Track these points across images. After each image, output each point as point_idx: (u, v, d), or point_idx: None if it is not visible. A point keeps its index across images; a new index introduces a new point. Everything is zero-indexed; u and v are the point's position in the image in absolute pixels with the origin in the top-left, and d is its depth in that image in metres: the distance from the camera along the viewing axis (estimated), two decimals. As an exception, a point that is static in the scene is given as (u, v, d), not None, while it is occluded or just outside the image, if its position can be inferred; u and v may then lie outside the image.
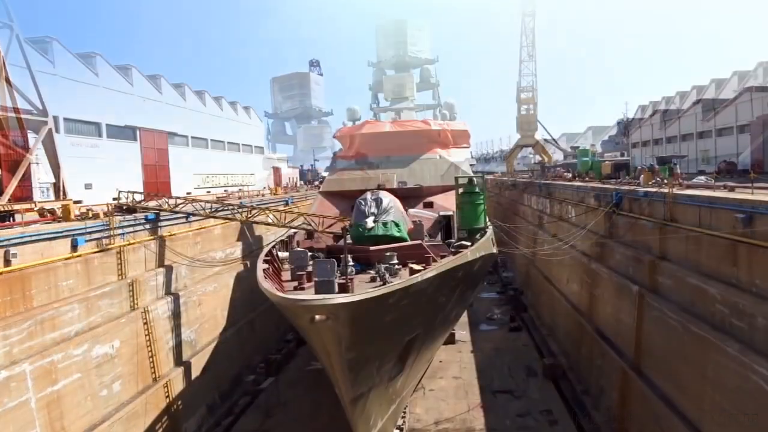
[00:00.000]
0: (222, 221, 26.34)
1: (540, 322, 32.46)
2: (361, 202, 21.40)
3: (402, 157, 31.10)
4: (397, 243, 19.72)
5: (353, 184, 29.42)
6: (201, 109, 54.15)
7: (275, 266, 18.80)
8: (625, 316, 19.53)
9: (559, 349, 27.40)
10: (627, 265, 20.28)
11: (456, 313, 23.48)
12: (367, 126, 33.14)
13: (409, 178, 29.73)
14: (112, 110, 39.20)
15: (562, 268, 28.35)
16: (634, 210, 20.63)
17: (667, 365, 16.18)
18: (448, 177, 28.76)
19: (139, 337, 19.67)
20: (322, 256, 19.26)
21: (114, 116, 39.39)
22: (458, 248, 19.67)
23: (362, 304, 11.81)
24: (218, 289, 26.13)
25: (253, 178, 66.07)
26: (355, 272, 16.58)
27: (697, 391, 14.38)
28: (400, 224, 20.89)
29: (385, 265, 16.98)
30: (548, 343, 28.96)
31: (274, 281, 16.12)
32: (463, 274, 18.14)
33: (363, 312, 12.04)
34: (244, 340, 27.57)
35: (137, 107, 42.20)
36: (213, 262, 25.78)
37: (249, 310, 28.45)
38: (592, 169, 37.81)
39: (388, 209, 20.99)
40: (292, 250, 20.76)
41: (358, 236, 20.26)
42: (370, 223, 20.42)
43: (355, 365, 13.09)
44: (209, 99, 56.40)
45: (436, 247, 20.23)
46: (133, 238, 20.74)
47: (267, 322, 29.90)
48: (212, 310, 25.39)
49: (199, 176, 52.59)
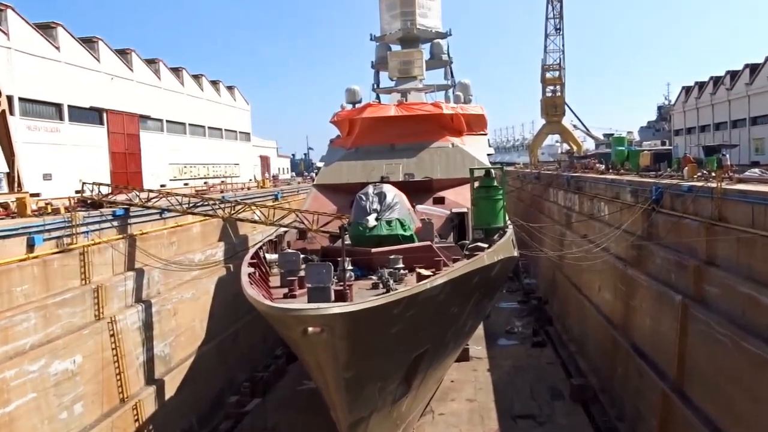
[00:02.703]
0: (202, 218, 26.43)
1: (567, 336, 32.55)
2: (361, 197, 21.33)
3: (409, 145, 31.33)
4: (403, 244, 19.82)
5: (352, 176, 29.61)
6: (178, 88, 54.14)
7: (262, 270, 18.98)
8: (666, 329, 19.53)
9: (589, 367, 27.46)
10: (668, 271, 20.29)
11: (470, 326, 23.51)
12: (368, 109, 33.18)
13: (417, 170, 29.97)
14: (76, 89, 39.20)
15: (592, 274, 28.41)
16: (676, 207, 20.63)
17: (714, 387, 16.16)
18: (462, 168, 29.03)
19: (104, 352, 19.72)
20: (316, 259, 19.41)
21: (78, 96, 39.39)
22: (473, 251, 19.86)
23: (362, 314, 11.87)
24: (197, 297, 26.22)
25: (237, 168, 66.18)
26: (355, 278, 16.66)
27: (750, 417, 14.34)
28: (406, 223, 20.96)
29: (389, 270, 17.00)
30: (576, 360, 29.03)
31: (261, 287, 16.23)
32: (479, 280, 18.25)
33: (363, 324, 12.10)
34: (227, 355, 27.65)
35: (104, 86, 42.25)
36: (191, 265, 25.91)
37: (232, 321, 28.54)
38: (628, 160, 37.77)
39: (393, 205, 20.98)
40: (282, 251, 20.76)
41: (358, 236, 20.37)
42: (372, 221, 20.42)
43: (354, 385, 13.16)
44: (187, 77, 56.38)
45: (448, 249, 20.36)
46: (98, 237, 20.79)
47: (253, 335, 30.00)
48: (189, 320, 25.46)
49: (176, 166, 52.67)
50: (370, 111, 32.99)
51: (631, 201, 24.95)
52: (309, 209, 26.11)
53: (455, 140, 31.88)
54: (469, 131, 33.44)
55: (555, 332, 34.11)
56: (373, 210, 20.73)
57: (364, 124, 32.51)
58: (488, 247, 19.91)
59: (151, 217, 24.10)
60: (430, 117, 32.25)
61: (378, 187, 21.69)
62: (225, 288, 27.69)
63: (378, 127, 32.12)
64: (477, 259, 17.33)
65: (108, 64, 43.03)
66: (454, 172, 29.49)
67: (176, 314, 24.32)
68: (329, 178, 30.49)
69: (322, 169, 32.37)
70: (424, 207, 26.21)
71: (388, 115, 32.22)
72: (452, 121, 32.66)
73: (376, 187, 21.70)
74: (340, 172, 30.55)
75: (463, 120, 32.92)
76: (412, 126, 31.78)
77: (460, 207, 26.45)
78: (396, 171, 29.65)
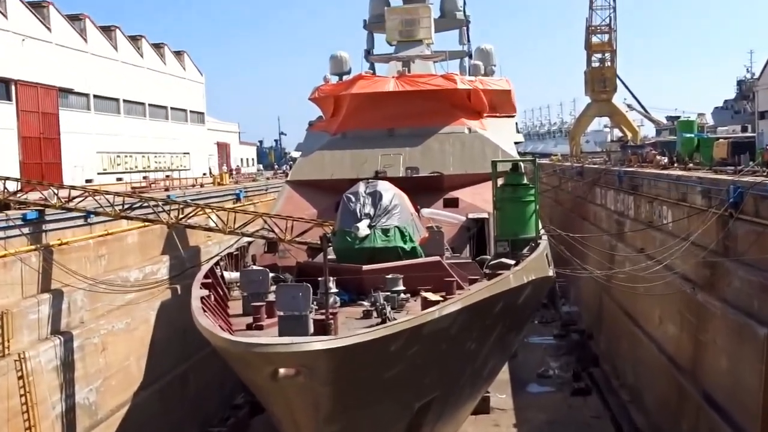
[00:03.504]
0: (140, 224, 26.33)
1: (618, 381, 32.55)
2: (350, 197, 21.46)
3: (412, 130, 31.44)
4: (404, 260, 19.89)
5: (338, 171, 29.84)
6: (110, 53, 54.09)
7: (219, 293, 19.15)
8: (747, 373, 19.53)
9: (647, 422, 27.45)
10: (750, 297, 20.27)
11: (492, 368, 23.56)
12: (360, 83, 33.25)
13: (423, 163, 30.08)
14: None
15: (651, 300, 28.42)
16: (761, 213, 20.68)
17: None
18: (481, 161, 29.12)
19: (11, 399, 19.56)
20: (290, 279, 19.56)
21: (-23, 64, 39.33)
22: (496, 269, 19.94)
23: (351, 351, 11.93)
24: (132, 327, 26.20)
25: (187, 159, 66.20)
26: (341, 303, 16.70)
27: None
28: (407, 232, 20.95)
29: (386, 294, 17.01)
30: (631, 413, 29.00)
31: (218, 316, 16.30)
32: (504, 308, 18.36)
33: (352, 364, 12.17)
34: (172, 404, 27.58)
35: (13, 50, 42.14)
36: (125, 285, 25.91)
37: (179, 359, 28.55)
38: (698, 151, 37.87)
39: (391, 209, 21.00)
40: (245, 269, 20.85)
41: (345, 249, 20.44)
42: (364, 229, 20.41)
43: (340, 445, 13.23)
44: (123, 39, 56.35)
45: (463, 266, 20.55)
46: (3, 248, 20.72)
47: (206, 378, 30.00)
48: (123, 358, 25.43)
49: (107, 155, 52.60)
50: (362, 85, 32.98)
51: (702, 205, 24.99)
52: (281, 213, 26.12)
53: (473, 124, 31.92)
54: (492, 112, 33.36)
55: (602, 376, 34.16)
56: (365, 215, 20.77)
57: (354, 102, 32.53)
58: (515, 265, 19.96)
59: (74, 222, 23.99)
60: (440, 93, 32.25)
61: (371, 185, 21.69)
62: (170, 316, 27.70)
63: (372, 106, 32.16)
64: (501, 280, 17.41)
65: (18, 22, 42.83)
66: (471, 166, 29.58)
67: (105, 350, 24.26)
68: (308, 173, 30.61)
69: (299, 161, 32.38)
70: (431, 211, 26.33)
71: (385, 91, 32.26)
72: (469, 99, 32.65)
73: (369, 185, 21.72)
74: (321, 165, 30.65)
75: (484, 97, 32.90)
76: (417, 105, 31.85)
77: (478, 211, 26.57)
78: (395, 164, 29.81)
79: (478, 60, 39.89)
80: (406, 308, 16.80)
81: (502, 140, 31.38)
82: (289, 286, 14.70)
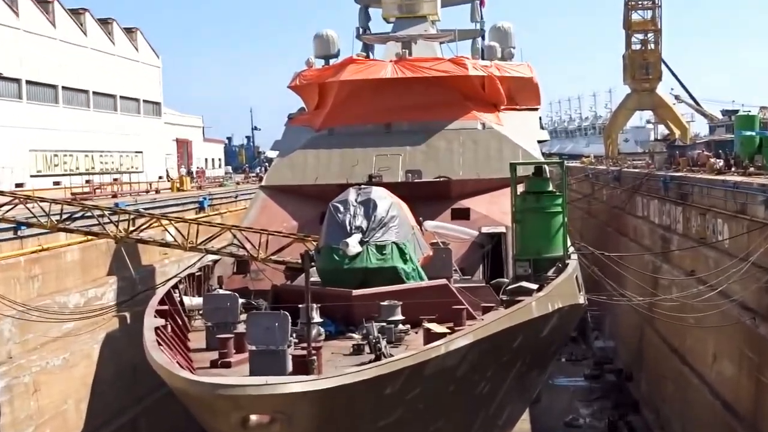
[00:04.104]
0: (82, 238, 26.31)
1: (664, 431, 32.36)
2: (337, 207, 21.36)
3: (414, 125, 31.63)
4: (403, 284, 19.88)
5: (324, 174, 29.94)
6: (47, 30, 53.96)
7: (178, 323, 19.01)
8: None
9: (698, 482, 27.47)
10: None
11: (509, 415, 23.56)
12: (350, 68, 33.12)
13: (427, 165, 30.14)
14: None
15: (704, 333, 28.38)
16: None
17: None
18: (498, 163, 29.16)
19: None
20: (264, 307, 19.72)
21: None
22: (515, 295, 19.96)
23: (337, 394, 11.92)
24: (72, 363, 26.06)
25: (140, 159, 66.07)
26: (326, 336, 16.84)
27: None
28: (407, 249, 20.90)
29: (381, 324, 16.96)
30: (678, 470, 29.10)
31: (176, 351, 16.25)
32: (524, 342, 18.43)
33: (339, 409, 12.19)
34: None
35: None
36: (63, 313, 25.57)
37: (128, 403, 28.40)
38: (761, 152, 37.80)
39: (387, 221, 20.94)
40: (210, 293, 20.96)
41: (331, 270, 20.39)
42: (354, 245, 20.22)
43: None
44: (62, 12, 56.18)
45: (475, 291, 20.59)
46: None
47: (161, 426, 29.79)
48: (60, 401, 25.24)
49: (42, 154, 52.51)
50: (354, 70, 32.88)
51: (765, 218, 24.84)
52: (254, 226, 26.18)
53: (487, 118, 32.00)
54: (510, 104, 33.38)
55: (644, 425, 34.02)
56: (356, 228, 20.70)
57: (344, 90, 32.60)
58: (538, 290, 20.01)
59: (1, 235, 23.96)
60: (448, 81, 32.30)
61: (364, 193, 21.64)
62: (117, 350, 27.60)
63: (365, 96, 32.28)
64: (521, 309, 17.44)
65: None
66: (485, 169, 29.62)
67: (38, 391, 24.06)
68: (286, 177, 30.74)
69: (276, 162, 32.47)
70: (436, 224, 26.27)
71: (381, 78, 32.16)
72: (483, 88, 32.70)
73: (362, 193, 21.65)
74: (303, 168, 30.77)
75: (501, 86, 32.94)
76: (420, 95, 31.90)
77: (493, 225, 26.68)
78: (393, 166, 29.90)
79: (493, 41, 39.60)
80: (406, 342, 16.87)
81: (522, 138, 31.38)
82: (263, 314, 14.85)
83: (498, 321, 16.10)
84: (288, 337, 13.68)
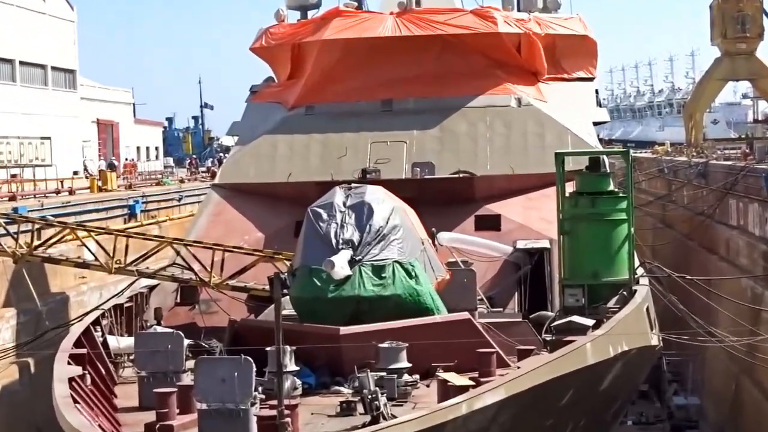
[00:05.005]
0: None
1: None
2: (319, 214, 19.52)
3: (423, 102, 28.94)
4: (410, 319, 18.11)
5: (300, 169, 27.58)
6: None
7: (100, 372, 17.56)
8: None
9: None
10: None
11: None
12: (336, 23, 30.04)
13: (442, 156, 27.54)
14: None
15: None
16: None
17: None
18: (538, 153, 27.17)
19: None
20: (219, 350, 18.88)
21: None
22: (563, 333, 17.94)
23: None
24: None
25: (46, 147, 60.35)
26: (303, 391, 15.87)
27: None
28: (415, 271, 18.96)
29: (379, 374, 15.64)
30: None
31: (97, 411, 14.98)
32: (576, 399, 16.49)
33: None
34: None
35: None
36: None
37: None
38: None
39: (387, 233, 19.04)
40: (144, 331, 19.84)
41: (311, 300, 18.91)
42: (342, 266, 18.43)
43: None
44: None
45: (509, 329, 19.17)
46: None
47: None
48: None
49: None
50: (341, 26, 29.89)
51: None
52: (204, 239, 24.10)
53: (524, 91, 28.98)
54: (555, 72, 30.46)
55: None
56: (345, 243, 18.92)
57: (328, 54, 29.73)
58: (595, 327, 17.95)
59: None
60: (471, 41, 29.54)
61: (356, 194, 19.71)
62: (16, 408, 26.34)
63: (357, 62, 29.65)
64: (571, 354, 15.49)
65: None
66: (521, 162, 27.02)
67: None
68: (249, 173, 28.07)
69: (235, 152, 30.01)
70: (455, 237, 23.92)
71: (378, 36, 29.47)
72: (518, 50, 29.79)
73: (353, 194, 19.75)
74: (272, 160, 28.17)
75: (542, 47, 29.90)
76: (431, 60, 29.29)
77: (533, 238, 24.38)
78: (395, 157, 27.25)
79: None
80: (414, 399, 15.70)
81: (572, 119, 28.51)
82: (218, 360, 13.82)
83: (539, 370, 14.42)
84: (251, 391, 12.83)
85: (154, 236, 24.91)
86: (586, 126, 28.85)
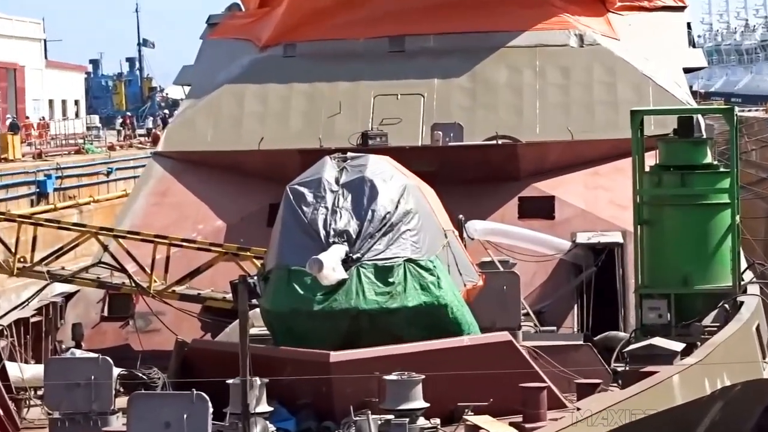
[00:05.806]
0: None
1: None
2: (302, 194, 16.50)
3: (446, 39, 25.14)
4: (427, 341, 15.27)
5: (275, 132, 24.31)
6: None
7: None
8: None
9: None
10: None
11: None
12: None
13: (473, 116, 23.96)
14: None
15: None
16: None
17: None
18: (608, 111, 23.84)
19: None
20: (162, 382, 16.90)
21: None
22: (641, 362, 15.33)
23: None
24: None
25: None
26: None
27: None
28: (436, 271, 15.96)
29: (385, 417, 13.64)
30: None
31: None
32: None
33: None
34: None
35: None
36: None
37: None
38: None
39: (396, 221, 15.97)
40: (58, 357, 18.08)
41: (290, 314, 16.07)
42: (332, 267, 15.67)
43: None
44: None
45: (565, 355, 16.94)
46: None
47: None
48: None
49: None
50: None
51: None
52: (142, 229, 21.30)
53: (589, 25, 25.18)
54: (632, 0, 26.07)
55: None
56: (338, 234, 16.03)
57: None
58: (685, 352, 15.48)
59: None
60: None
61: (353, 166, 16.67)
62: None
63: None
64: (653, 390, 13.45)
65: None
66: (583, 123, 23.60)
67: None
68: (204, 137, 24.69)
69: (186, 109, 26.17)
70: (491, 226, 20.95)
71: None
72: None
73: (349, 166, 16.73)
74: (237, 119, 24.76)
75: None
76: None
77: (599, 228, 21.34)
78: (408, 116, 23.79)
79: None
80: None
81: (656, 64, 24.68)
82: (161, 397, 12.64)
83: (608, 412, 12.47)
84: (212, 444, 12.14)
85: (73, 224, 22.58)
86: (674, 74, 24.82)
